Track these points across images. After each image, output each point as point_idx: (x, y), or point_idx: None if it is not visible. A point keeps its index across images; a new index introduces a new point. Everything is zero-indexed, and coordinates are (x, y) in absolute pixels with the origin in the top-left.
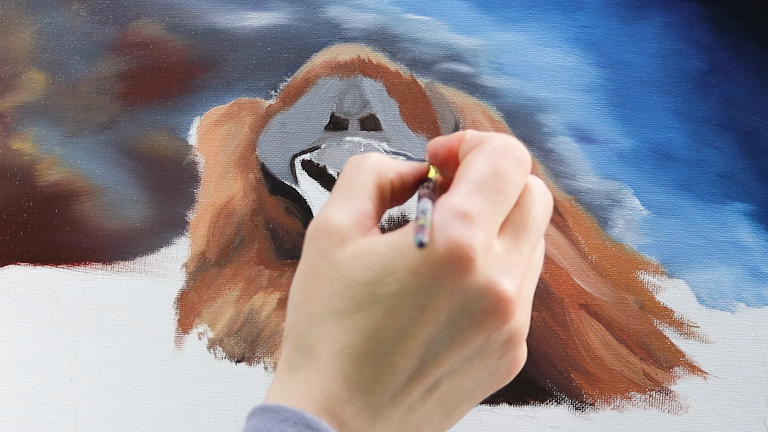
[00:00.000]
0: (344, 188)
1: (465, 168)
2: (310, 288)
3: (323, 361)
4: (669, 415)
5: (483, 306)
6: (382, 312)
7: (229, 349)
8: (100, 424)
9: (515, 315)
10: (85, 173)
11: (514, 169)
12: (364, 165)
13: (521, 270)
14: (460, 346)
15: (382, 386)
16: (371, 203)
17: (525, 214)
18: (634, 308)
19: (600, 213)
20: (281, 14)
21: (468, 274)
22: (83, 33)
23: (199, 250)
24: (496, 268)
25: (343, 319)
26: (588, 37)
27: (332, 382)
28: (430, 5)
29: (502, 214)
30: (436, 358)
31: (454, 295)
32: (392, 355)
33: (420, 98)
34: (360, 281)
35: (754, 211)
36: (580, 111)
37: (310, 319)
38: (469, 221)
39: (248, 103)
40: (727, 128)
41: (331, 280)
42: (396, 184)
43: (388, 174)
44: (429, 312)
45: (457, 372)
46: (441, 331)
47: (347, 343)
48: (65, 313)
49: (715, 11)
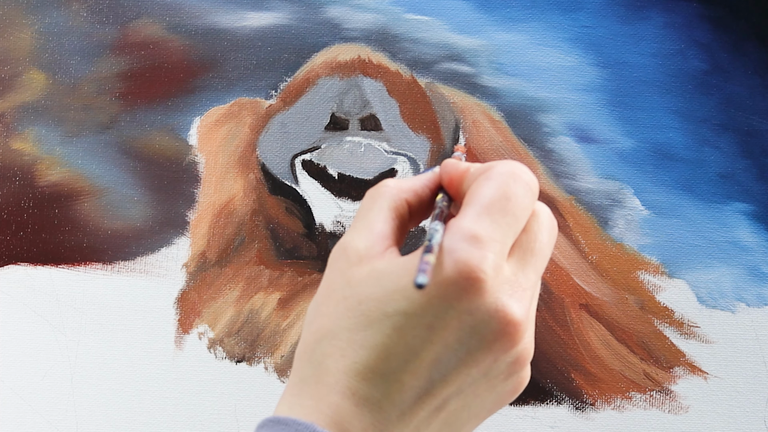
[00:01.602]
0: (360, 217)
1: (473, 193)
2: (325, 305)
3: (332, 376)
4: (669, 415)
5: (492, 328)
6: (390, 329)
7: (229, 349)
8: (100, 424)
9: (523, 338)
10: (85, 173)
11: (522, 192)
12: (377, 193)
13: (528, 293)
14: (468, 367)
15: (390, 403)
16: (387, 225)
17: (532, 239)
18: (635, 308)
19: (600, 213)
20: (281, 14)
21: (477, 295)
22: (83, 33)
23: (199, 250)
24: (505, 291)
25: (353, 334)
26: (588, 37)
27: (340, 397)
28: (430, 5)
29: (512, 237)
30: (444, 378)
31: (463, 316)
32: (400, 373)
33: (420, 98)
34: (371, 297)
35: (755, 211)
36: (580, 111)
37: (321, 334)
38: (478, 243)
39: (248, 103)
40: (728, 128)
41: (345, 297)
42: (413, 202)
43: (402, 196)
44: (437, 332)
45: (465, 392)
46: (449, 351)
47: (356, 358)
48: (65, 313)
49: (715, 11)
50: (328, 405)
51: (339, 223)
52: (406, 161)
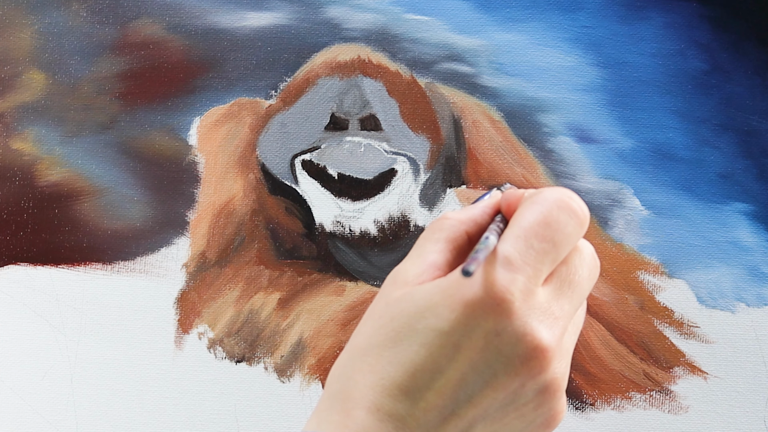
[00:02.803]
0: (417, 246)
1: (516, 216)
2: (363, 325)
3: (359, 391)
4: (669, 415)
5: (519, 352)
6: (418, 345)
7: (229, 349)
8: (100, 424)
9: (551, 365)
10: (85, 173)
11: (566, 220)
12: (437, 226)
13: (561, 323)
14: (494, 390)
15: (414, 422)
16: (441, 256)
17: (572, 272)
18: (634, 308)
19: (600, 213)
20: (281, 14)
21: (505, 317)
22: (83, 33)
23: (199, 250)
24: (535, 316)
25: (383, 351)
26: (588, 37)
27: (366, 412)
28: (430, 5)
29: (548, 264)
30: (469, 400)
31: (490, 336)
32: (426, 391)
33: (420, 98)
34: (403, 314)
35: (754, 211)
36: (580, 111)
37: (354, 351)
38: (510, 266)
39: (248, 103)
40: (727, 128)
41: (380, 315)
42: (472, 232)
43: (461, 227)
44: (464, 351)
45: (492, 417)
46: (475, 372)
47: (384, 374)
48: (65, 313)
49: (715, 11)
50: (353, 420)
51: (339, 223)
52: (406, 161)
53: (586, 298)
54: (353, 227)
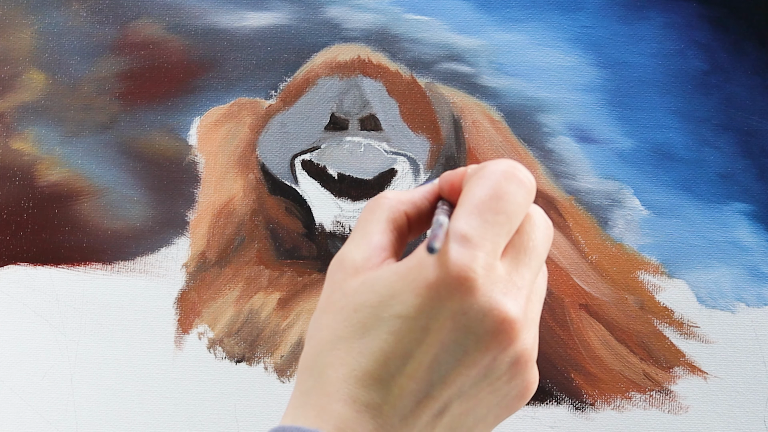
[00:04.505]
0: (358, 228)
1: (465, 193)
2: (323, 317)
3: (332, 385)
4: (669, 415)
5: (487, 327)
6: (386, 334)
7: (229, 349)
8: (100, 424)
9: (520, 336)
10: (85, 173)
11: (515, 190)
12: (375, 205)
13: (524, 292)
14: (467, 368)
15: (390, 408)
16: (385, 237)
17: (526, 239)
18: (634, 308)
19: (600, 213)
20: (281, 14)
21: (470, 295)
22: (83, 33)
23: (199, 250)
24: (498, 289)
25: (351, 343)
26: (588, 37)
27: (342, 405)
28: (430, 5)
29: (504, 236)
30: (443, 380)
31: (457, 316)
32: (399, 377)
33: (420, 98)
34: (365, 305)
35: (754, 211)
36: (580, 111)
37: (321, 346)
38: (468, 243)
39: (248, 103)
40: (727, 128)
41: (341, 307)
42: (412, 214)
43: (401, 208)
44: (433, 334)
45: (466, 395)
46: (446, 352)
47: (354, 366)
48: (65, 313)
49: (715, 11)
50: (330, 414)
51: (339, 223)
52: (405, 161)
53: (544, 262)
54: (353, 227)
